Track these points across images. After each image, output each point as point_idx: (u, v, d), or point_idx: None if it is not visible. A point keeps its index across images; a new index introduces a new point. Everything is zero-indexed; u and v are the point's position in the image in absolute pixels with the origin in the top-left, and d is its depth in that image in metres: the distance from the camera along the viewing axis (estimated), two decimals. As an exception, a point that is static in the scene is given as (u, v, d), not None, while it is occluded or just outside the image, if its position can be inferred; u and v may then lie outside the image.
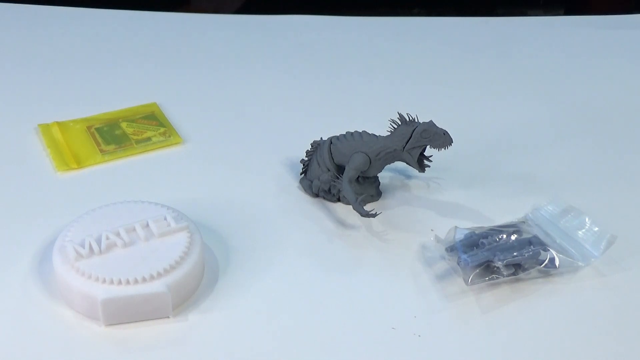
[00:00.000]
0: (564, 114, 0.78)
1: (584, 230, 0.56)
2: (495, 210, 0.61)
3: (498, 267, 0.52)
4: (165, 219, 0.53)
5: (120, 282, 0.48)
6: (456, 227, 0.55)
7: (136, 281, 0.48)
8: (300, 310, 0.51)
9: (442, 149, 0.58)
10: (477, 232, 0.55)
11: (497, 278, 0.52)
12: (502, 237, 0.54)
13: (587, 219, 0.57)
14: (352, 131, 0.61)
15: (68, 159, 0.67)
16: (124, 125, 0.72)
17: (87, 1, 0.99)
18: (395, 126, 0.59)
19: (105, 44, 0.91)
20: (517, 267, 0.53)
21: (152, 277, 0.49)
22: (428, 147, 0.59)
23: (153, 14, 0.99)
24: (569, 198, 0.60)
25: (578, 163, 0.69)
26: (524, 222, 0.57)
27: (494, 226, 0.56)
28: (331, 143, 0.61)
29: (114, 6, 0.99)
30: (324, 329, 0.50)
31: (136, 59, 0.87)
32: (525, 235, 0.55)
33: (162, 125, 0.72)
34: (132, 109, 0.75)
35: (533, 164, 0.68)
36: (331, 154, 0.61)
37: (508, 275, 0.53)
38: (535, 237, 0.54)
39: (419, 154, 0.59)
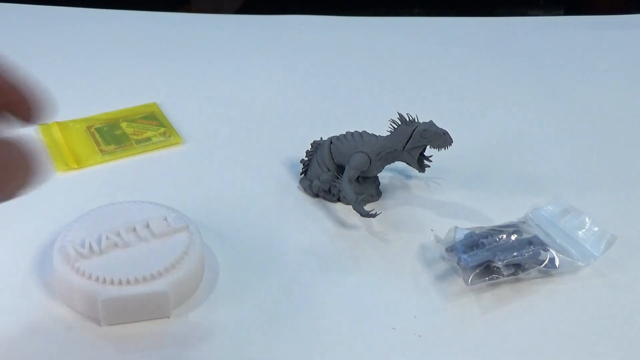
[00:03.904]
0: (564, 114, 0.78)
1: (584, 230, 0.56)
2: (495, 210, 0.61)
3: (498, 267, 0.52)
4: (165, 219, 0.53)
5: (120, 282, 0.48)
6: (456, 227, 0.55)
7: (136, 281, 0.48)
8: (300, 310, 0.51)
9: (442, 149, 0.58)
10: (477, 232, 0.55)
11: (497, 278, 0.52)
12: (502, 237, 0.54)
13: (587, 219, 0.57)
14: (352, 131, 0.61)
15: (68, 159, 0.67)
16: (124, 125, 0.72)
17: (87, 1, 0.99)
18: (395, 126, 0.59)
19: (105, 44, 0.91)
20: (517, 267, 0.53)
21: (152, 277, 0.49)
22: (428, 147, 0.59)
23: (153, 14, 0.99)
24: (569, 198, 0.60)
25: (578, 163, 0.69)
26: (524, 222, 0.57)
27: (494, 226, 0.56)
28: (331, 143, 0.61)
29: (114, 6, 0.99)
30: (324, 329, 0.50)
31: (136, 59, 0.87)
32: (525, 235, 0.55)
33: (162, 125, 0.72)
34: (132, 109, 0.75)
35: (533, 164, 0.68)
36: (331, 153, 0.61)
37: (508, 275, 0.53)
38: (535, 237, 0.54)
39: (419, 154, 0.59)
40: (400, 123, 0.59)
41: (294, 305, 0.52)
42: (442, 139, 0.57)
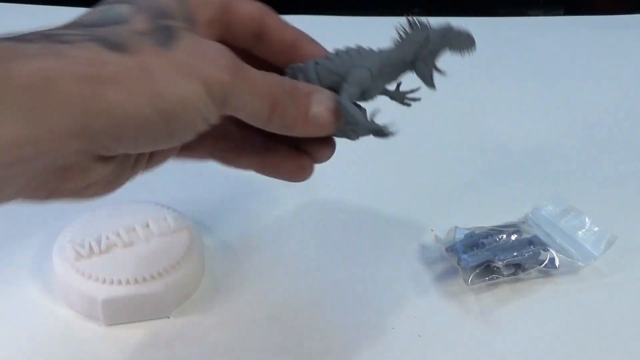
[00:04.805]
0: (564, 114, 0.78)
1: (584, 230, 0.56)
2: (495, 210, 0.61)
3: (498, 267, 0.52)
4: (165, 219, 0.53)
5: (120, 282, 0.48)
6: (456, 227, 0.55)
7: (136, 281, 0.48)
8: (300, 310, 0.51)
9: (465, 53, 0.47)
10: (477, 232, 0.55)
11: (497, 278, 0.52)
12: (502, 237, 0.54)
13: (587, 219, 0.57)
14: (345, 48, 0.48)
15: (68, 159, 0.66)
16: (124, 125, 0.72)
17: (87, 1, 0.98)
18: (403, 34, 0.47)
19: (105, 44, 0.90)
20: (517, 267, 0.53)
21: (152, 277, 0.49)
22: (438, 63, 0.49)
23: (153, 14, 0.99)
24: (569, 198, 0.60)
25: (578, 163, 0.69)
26: (524, 222, 0.57)
27: (494, 226, 0.56)
28: (317, 64, 0.46)
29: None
30: (323, 329, 0.50)
31: (136, 59, 0.87)
32: (525, 235, 0.55)
33: (162, 125, 0.72)
34: (132, 109, 0.75)
35: (533, 164, 0.68)
36: (318, 75, 0.46)
37: (508, 275, 0.53)
38: (535, 237, 0.54)
39: (434, 62, 0.48)
40: (408, 30, 0.47)
41: (293, 304, 0.52)
42: (465, 41, 0.47)
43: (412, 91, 0.49)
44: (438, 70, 0.48)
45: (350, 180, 0.64)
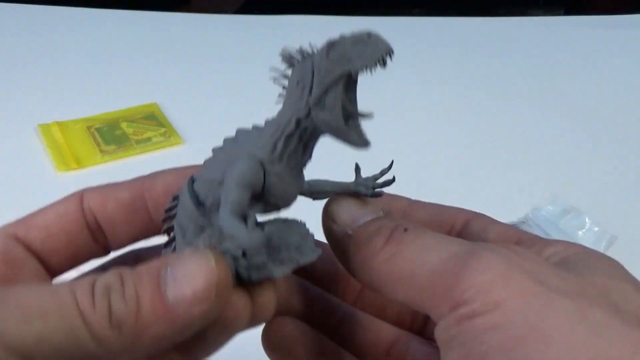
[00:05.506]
0: (564, 114, 0.78)
1: (584, 230, 0.56)
2: (495, 210, 0.60)
3: (498, 267, 0.52)
4: (165, 219, 0.53)
5: (120, 282, 0.48)
6: (456, 227, 0.55)
7: (136, 281, 0.48)
8: (300, 311, 0.51)
9: (375, 68, 0.30)
10: (477, 232, 0.55)
11: (497, 278, 0.52)
12: (502, 237, 0.54)
13: (587, 219, 0.57)
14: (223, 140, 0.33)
15: (68, 159, 0.67)
16: (124, 125, 0.72)
17: (87, 1, 0.99)
18: (285, 83, 0.31)
19: (105, 44, 0.91)
20: (517, 267, 0.53)
21: (152, 277, 0.48)
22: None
23: (153, 14, 0.99)
24: (569, 198, 0.60)
25: (578, 163, 0.69)
26: (524, 222, 0.57)
27: (494, 226, 0.56)
28: (192, 181, 0.32)
29: (114, 6, 0.99)
30: (324, 329, 0.50)
31: (136, 59, 0.87)
32: (525, 235, 0.55)
33: (162, 125, 0.72)
34: (132, 109, 0.75)
35: (533, 164, 0.68)
36: (197, 199, 0.31)
37: (508, 276, 0.52)
38: (535, 237, 0.54)
39: (339, 101, 0.29)
40: (288, 72, 0.31)
41: (294, 305, 0.52)
42: (369, 48, 0.29)
43: (381, 173, 0.35)
44: (351, 108, 0.30)
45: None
